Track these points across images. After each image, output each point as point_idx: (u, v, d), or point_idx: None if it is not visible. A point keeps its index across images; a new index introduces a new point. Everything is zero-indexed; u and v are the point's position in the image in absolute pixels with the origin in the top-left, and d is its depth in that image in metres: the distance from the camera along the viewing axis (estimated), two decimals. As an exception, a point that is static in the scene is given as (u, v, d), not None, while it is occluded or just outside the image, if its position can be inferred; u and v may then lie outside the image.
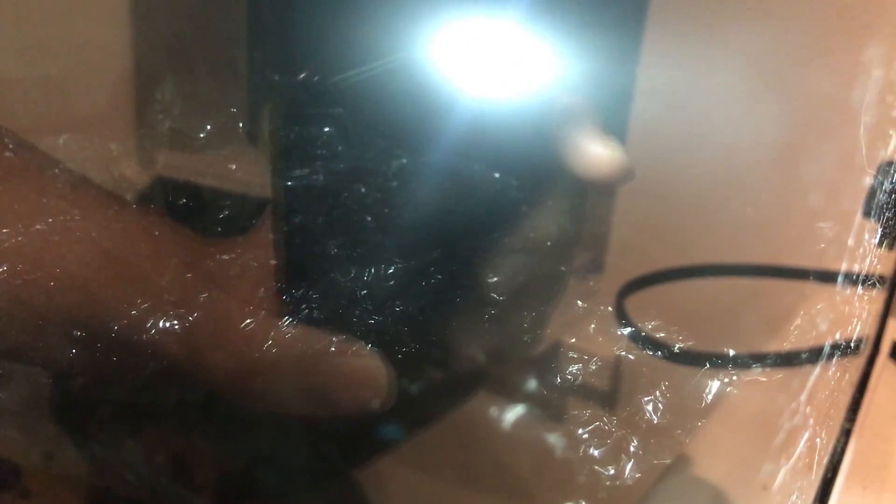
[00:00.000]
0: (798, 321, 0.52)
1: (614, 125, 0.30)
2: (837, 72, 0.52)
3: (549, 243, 0.32)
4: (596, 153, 0.30)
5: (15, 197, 0.31)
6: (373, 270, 0.30)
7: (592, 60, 0.30)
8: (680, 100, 0.53)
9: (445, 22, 0.29)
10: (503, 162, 0.31)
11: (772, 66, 0.57)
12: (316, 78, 0.28)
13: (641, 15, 0.51)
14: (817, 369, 0.46)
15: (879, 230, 0.46)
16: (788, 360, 0.51)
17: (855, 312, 0.47)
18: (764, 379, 0.48)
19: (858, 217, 0.46)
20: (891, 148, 0.43)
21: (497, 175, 0.31)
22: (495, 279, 0.31)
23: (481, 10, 0.29)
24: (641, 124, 0.46)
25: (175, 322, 0.31)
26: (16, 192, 0.31)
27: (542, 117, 0.30)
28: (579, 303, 0.35)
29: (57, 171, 0.33)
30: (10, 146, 0.32)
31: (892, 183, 0.44)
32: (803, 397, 0.44)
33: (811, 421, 0.43)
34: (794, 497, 0.40)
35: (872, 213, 0.46)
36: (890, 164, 0.44)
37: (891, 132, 0.42)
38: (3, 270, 0.30)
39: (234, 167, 0.60)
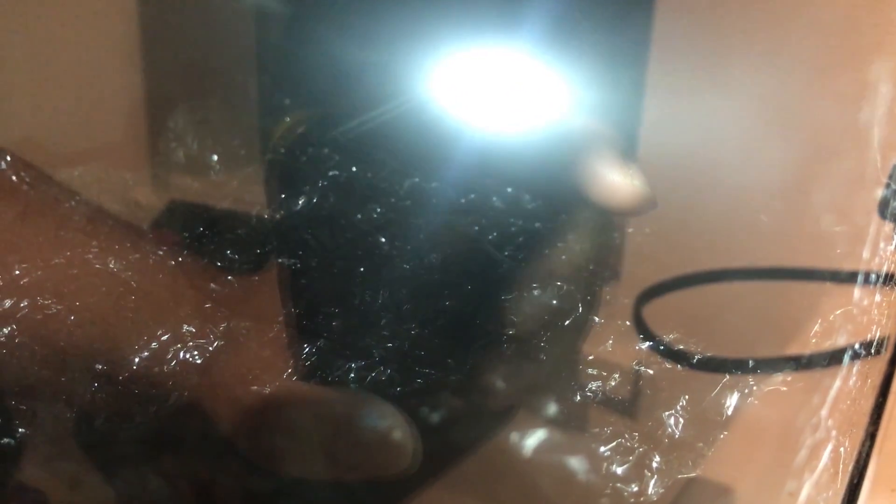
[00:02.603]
0: (817, 327, 0.52)
1: (626, 147, 0.30)
2: (845, 92, 0.52)
3: (573, 274, 0.32)
4: (616, 182, 0.29)
5: (34, 231, 0.31)
6: (390, 298, 0.30)
7: (601, 89, 0.30)
8: (689, 126, 0.53)
9: (454, 55, 0.29)
10: (523, 192, 0.30)
11: (780, 90, 0.57)
12: (300, 130, 0.28)
13: (646, 43, 0.51)
14: (838, 381, 0.46)
15: (895, 232, 0.46)
16: (809, 365, 0.51)
17: (874, 314, 0.46)
18: (785, 389, 0.48)
19: (874, 221, 0.46)
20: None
21: (520, 203, 0.30)
22: (520, 314, 0.31)
23: (491, 42, 0.29)
24: (651, 150, 0.46)
25: (196, 353, 0.31)
26: (35, 227, 0.32)
27: (560, 145, 0.30)
28: (597, 318, 0.35)
29: (74, 203, 0.33)
30: (28, 180, 0.33)
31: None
32: (825, 411, 0.44)
33: (834, 432, 0.42)
34: (820, 507, 0.40)
35: (888, 216, 0.46)
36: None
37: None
38: (24, 306, 0.31)
39: (248, 190, 0.60)
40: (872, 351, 0.48)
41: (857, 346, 0.49)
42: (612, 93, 0.30)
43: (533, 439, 0.51)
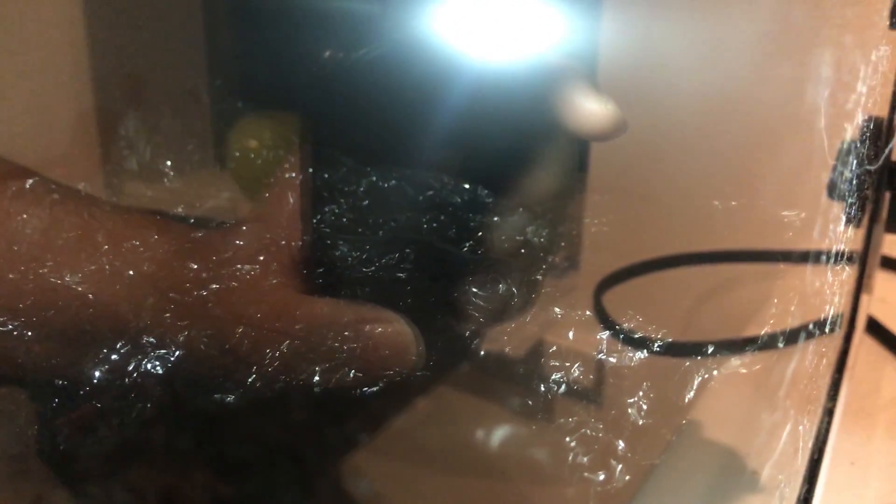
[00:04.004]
0: (772, 308, 0.53)
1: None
2: (789, 77, 0.53)
3: (548, 203, 0.33)
4: (590, 109, 0.31)
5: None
6: (386, 263, 0.31)
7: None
8: (641, 104, 0.54)
9: None
10: (500, 124, 0.32)
11: (724, 77, 0.58)
12: (341, 55, 0.29)
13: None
14: (794, 361, 0.47)
15: (844, 212, 0.47)
16: (766, 346, 0.52)
17: (827, 293, 0.47)
18: (744, 371, 0.49)
19: (823, 201, 0.47)
20: (847, 138, 0.44)
21: (494, 135, 0.32)
22: (496, 237, 0.32)
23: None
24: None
25: (157, 363, 0.31)
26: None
27: (536, 79, 0.31)
28: (557, 310, 0.35)
29: (26, 216, 0.33)
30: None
31: (850, 169, 0.45)
32: (783, 391, 0.45)
33: (792, 412, 0.43)
34: (783, 486, 0.41)
35: (836, 197, 0.47)
36: (847, 152, 0.45)
37: (846, 125, 0.43)
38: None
39: (203, 193, 0.60)
40: (827, 329, 0.49)
41: (811, 325, 0.50)
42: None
43: (500, 432, 0.51)
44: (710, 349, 0.50)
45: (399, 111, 0.31)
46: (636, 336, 0.47)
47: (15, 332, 0.31)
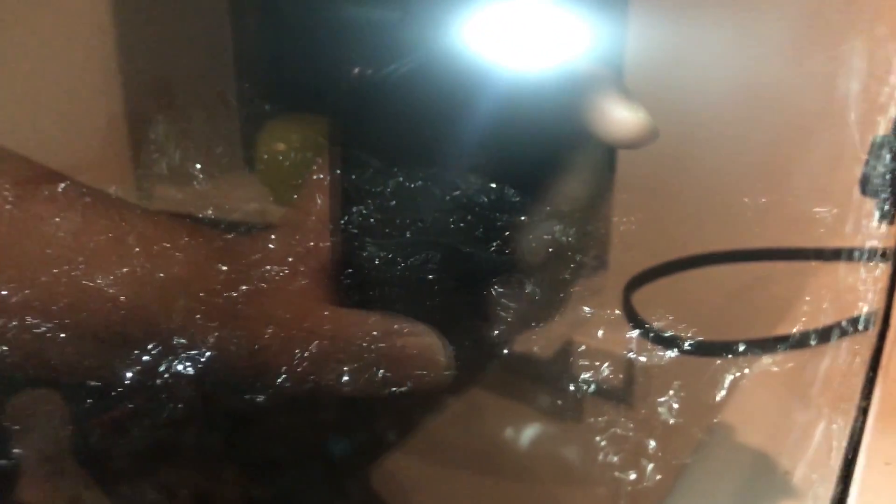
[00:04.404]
0: (804, 306, 0.52)
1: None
2: (820, 72, 0.52)
3: (577, 208, 0.33)
4: (621, 116, 0.31)
5: (19, 251, 0.32)
6: (414, 263, 0.31)
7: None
8: (669, 100, 0.54)
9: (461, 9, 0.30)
10: (530, 134, 0.32)
11: (755, 71, 0.57)
12: (369, 71, 0.29)
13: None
14: (827, 359, 0.46)
15: (877, 208, 0.46)
16: (798, 345, 0.51)
17: (860, 290, 0.47)
18: (776, 369, 0.48)
19: (856, 197, 0.47)
20: (880, 132, 0.43)
21: (524, 144, 0.32)
22: (527, 245, 0.32)
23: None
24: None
25: (188, 364, 0.31)
26: (19, 247, 0.32)
27: (564, 87, 0.31)
28: (586, 309, 0.35)
29: (59, 219, 0.33)
30: (10, 199, 0.33)
31: (883, 164, 0.45)
32: (816, 389, 0.44)
33: (825, 410, 0.43)
34: (817, 486, 0.40)
35: (869, 192, 0.46)
36: (880, 146, 0.44)
37: (878, 119, 0.42)
38: (13, 325, 0.31)
39: (232, 196, 0.60)
40: (860, 327, 0.49)
41: (844, 323, 0.49)
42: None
43: (529, 433, 0.51)
44: (742, 348, 0.49)
45: (428, 126, 0.31)
46: (666, 335, 0.46)
47: (48, 334, 0.31)
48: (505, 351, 0.34)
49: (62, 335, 0.31)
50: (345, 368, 0.31)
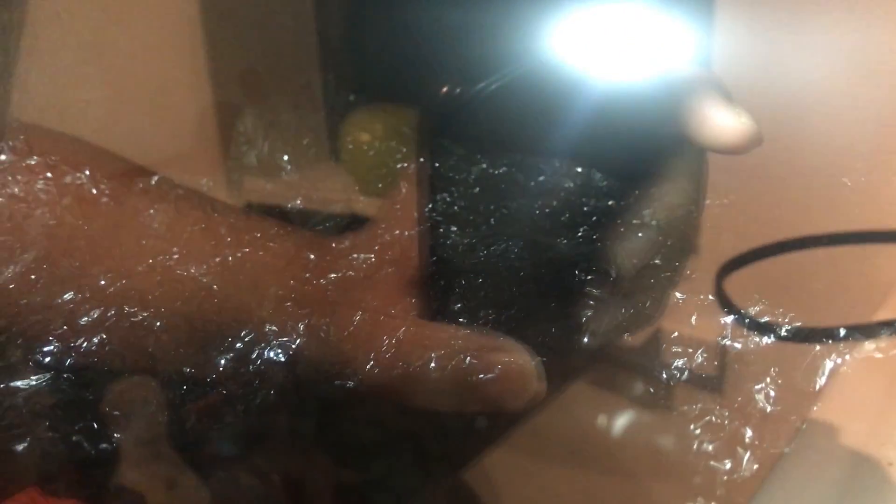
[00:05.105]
0: (910, 290, 0.50)
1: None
2: None
3: (676, 216, 0.32)
4: (722, 122, 0.29)
5: (116, 242, 0.32)
6: (499, 253, 0.31)
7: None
8: (767, 74, 0.52)
9: (555, 16, 0.29)
10: (628, 143, 0.31)
11: (865, 41, 0.55)
12: (458, 91, 0.28)
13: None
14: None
15: None
16: (903, 330, 0.49)
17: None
18: (879, 355, 0.46)
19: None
20: None
21: (621, 153, 0.31)
22: (623, 258, 0.31)
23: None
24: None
25: (279, 350, 0.31)
26: (117, 238, 0.32)
27: (667, 92, 0.30)
28: (678, 294, 0.34)
29: (153, 211, 0.34)
30: (108, 192, 0.34)
31: None
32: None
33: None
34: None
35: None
36: None
37: None
38: (112, 314, 0.32)
39: (320, 186, 0.61)
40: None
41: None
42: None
43: (622, 421, 0.50)
44: (842, 333, 0.47)
45: (521, 141, 0.30)
46: (762, 321, 0.45)
47: (145, 323, 0.32)
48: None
49: (158, 323, 0.32)
50: (432, 355, 0.30)
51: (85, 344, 0.32)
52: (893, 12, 0.55)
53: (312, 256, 0.33)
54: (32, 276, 0.32)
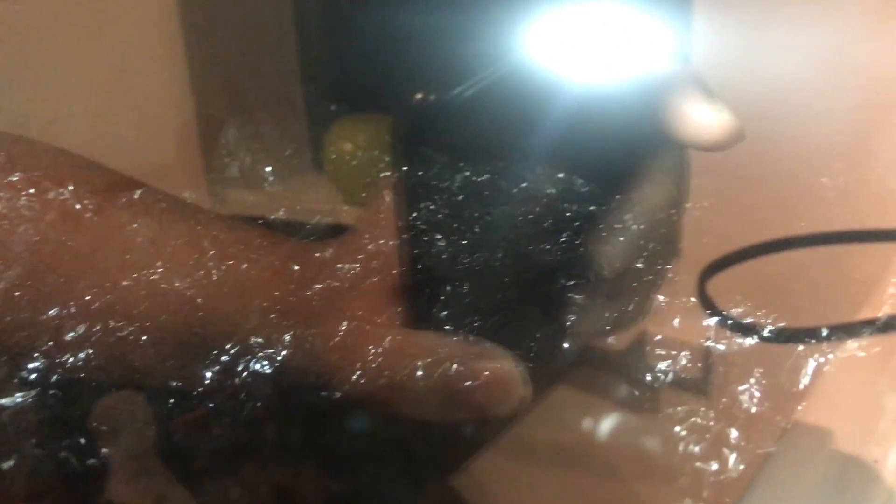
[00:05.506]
0: (891, 290, 0.50)
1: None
2: None
3: (658, 218, 0.32)
4: (703, 118, 0.29)
5: (101, 257, 0.32)
6: (482, 259, 0.31)
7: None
8: (743, 74, 0.52)
9: (532, 17, 0.29)
10: (607, 144, 0.31)
11: (837, 37, 0.55)
12: (432, 97, 0.28)
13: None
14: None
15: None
16: (886, 328, 0.50)
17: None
18: (862, 353, 0.47)
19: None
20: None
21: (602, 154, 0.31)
22: (606, 258, 0.31)
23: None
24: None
25: (265, 363, 0.31)
26: (101, 253, 0.32)
27: (648, 90, 0.30)
28: (660, 297, 0.34)
29: (136, 225, 0.34)
30: (91, 207, 0.34)
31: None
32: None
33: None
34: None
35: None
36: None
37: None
38: (97, 329, 0.32)
39: (303, 197, 0.61)
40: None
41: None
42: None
43: (607, 424, 0.50)
44: (825, 333, 0.48)
45: (499, 145, 0.30)
46: (744, 322, 0.45)
47: (130, 337, 0.32)
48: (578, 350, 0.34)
49: (143, 337, 0.32)
50: (418, 363, 0.30)
51: (71, 359, 0.31)
52: (869, 12, 0.56)
53: (297, 267, 0.33)
54: (17, 293, 0.32)
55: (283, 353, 0.32)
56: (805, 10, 0.57)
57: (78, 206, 0.33)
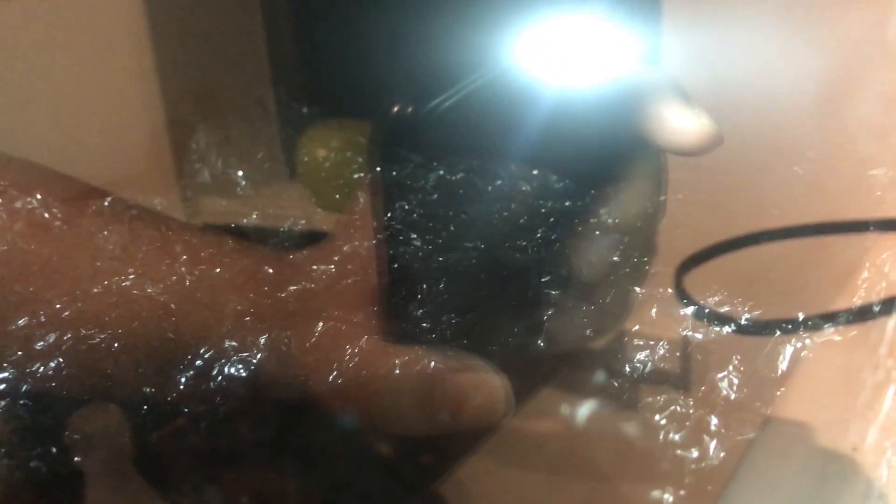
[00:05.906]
0: (865, 274, 0.51)
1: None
2: (870, 9, 0.50)
3: (637, 221, 0.32)
4: (680, 123, 0.29)
5: (71, 265, 0.32)
6: (459, 259, 0.31)
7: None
8: (707, 60, 0.52)
9: (513, 26, 0.29)
10: (584, 151, 0.31)
11: (801, 11, 0.55)
12: (410, 109, 0.28)
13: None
14: (893, 320, 0.45)
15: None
16: (861, 315, 0.50)
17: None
18: (839, 338, 0.47)
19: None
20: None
21: (579, 159, 0.31)
22: (585, 262, 0.31)
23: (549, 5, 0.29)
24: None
25: (240, 366, 0.31)
26: (71, 261, 0.32)
27: (624, 95, 0.30)
28: (637, 289, 0.34)
29: (107, 233, 0.34)
30: (60, 216, 0.33)
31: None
32: (883, 349, 0.43)
33: (895, 373, 0.41)
34: (890, 454, 0.39)
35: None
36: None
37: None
38: (68, 338, 0.31)
39: (275, 203, 0.61)
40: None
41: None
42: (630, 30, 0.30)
43: (589, 418, 0.50)
44: (801, 320, 0.48)
45: (477, 153, 0.30)
46: (721, 311, 0.45)
47: (103, 345, 0.31)
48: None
49: (116, 345, 0.32)
50: (396, 361, 0.30)
51: (41, 369, 0.31)
52: (835, 5, 0.56)
53: (271, 270, 0.33)
54: (-16, 304, 0.31)
55: (259, 355, 0.31)
56: (772, 8, 0.57)
57: (46, 215, 0.33)
